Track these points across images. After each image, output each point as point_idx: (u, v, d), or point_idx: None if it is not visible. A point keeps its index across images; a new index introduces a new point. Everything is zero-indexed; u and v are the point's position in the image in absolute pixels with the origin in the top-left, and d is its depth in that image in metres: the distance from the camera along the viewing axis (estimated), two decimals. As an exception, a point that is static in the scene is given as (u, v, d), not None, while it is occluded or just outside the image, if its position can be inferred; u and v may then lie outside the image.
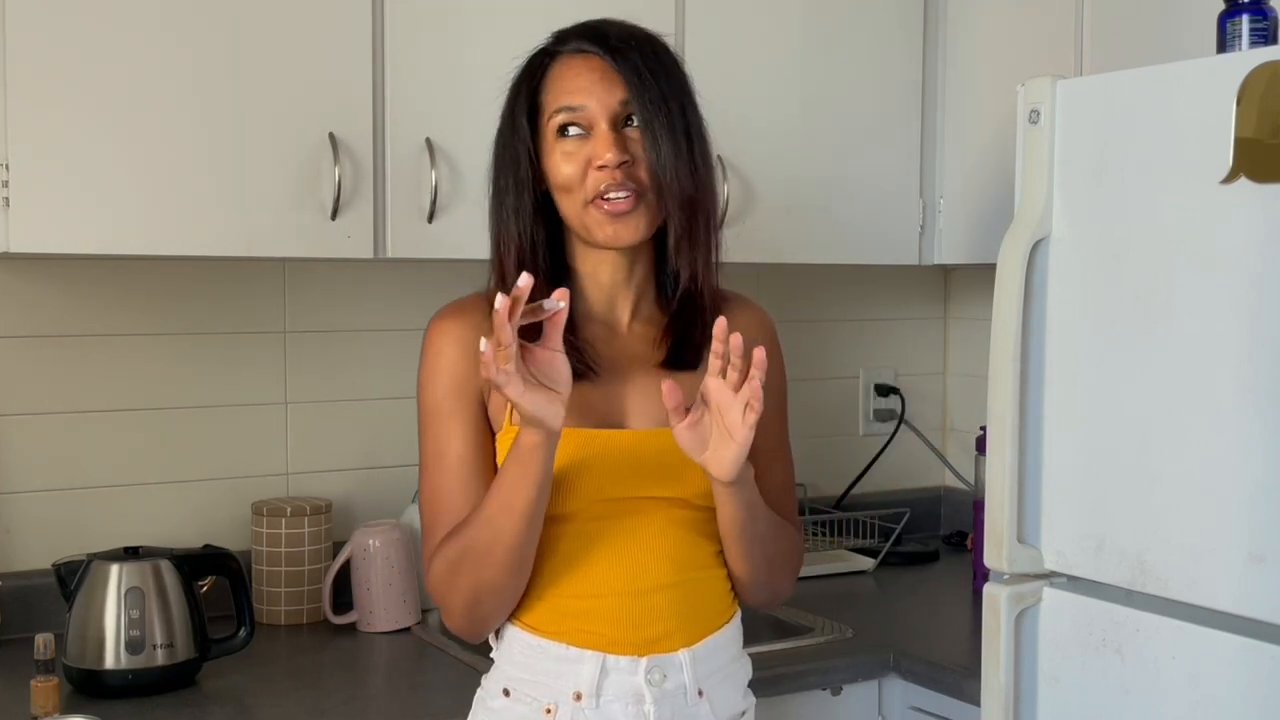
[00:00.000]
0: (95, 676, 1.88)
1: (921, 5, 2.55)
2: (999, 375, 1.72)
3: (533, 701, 1.49)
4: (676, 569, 1.51)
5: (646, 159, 1.47)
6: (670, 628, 1.50)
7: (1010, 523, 1.72)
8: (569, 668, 1.48)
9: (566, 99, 1.48)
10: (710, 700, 1.52)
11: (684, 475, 1.49)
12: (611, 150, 1.46)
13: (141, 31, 1.89)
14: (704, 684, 1.51)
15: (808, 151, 2.45)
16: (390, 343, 2.44)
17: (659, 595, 1.49)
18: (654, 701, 1.48)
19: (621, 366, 1.53)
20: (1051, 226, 1.72)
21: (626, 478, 1.49)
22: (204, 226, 1.95)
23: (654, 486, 1.49)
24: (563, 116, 1.49)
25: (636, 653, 1.48)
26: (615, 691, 1.47)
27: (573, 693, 1.47)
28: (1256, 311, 1.50)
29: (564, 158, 1.49)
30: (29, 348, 2.18)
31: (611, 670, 1.47)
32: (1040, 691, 1.74)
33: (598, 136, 1.47)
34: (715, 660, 1.53)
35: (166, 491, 2.29)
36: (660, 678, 1.48)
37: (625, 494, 1.49)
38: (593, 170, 1.47)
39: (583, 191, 1.48)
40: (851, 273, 2.83)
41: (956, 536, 2.90)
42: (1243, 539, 1.51)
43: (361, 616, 2.24)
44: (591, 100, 1.48)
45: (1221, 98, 1.51)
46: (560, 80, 1.50)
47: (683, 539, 1.52)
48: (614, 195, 1.47)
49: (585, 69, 1.49)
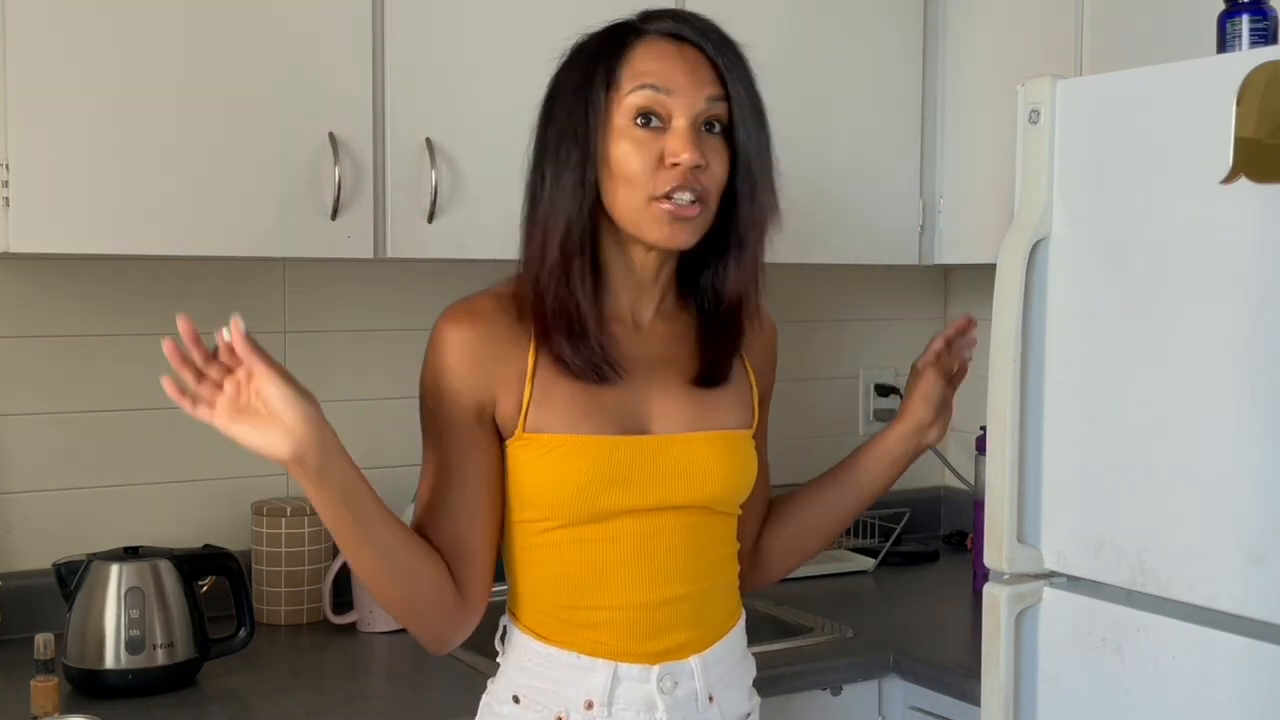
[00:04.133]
0: (95, 676, 1.88)
1: (921, 5, 2.55)
2: (999, 375, 1.72)
3: (543, 709, 1.46)
4: (690, 580, 1.48)
5: (721, 168, 1.42)
6: (683, 638, 1.48)
7: (1010, 523, 1.72)
8: (580, 676, 1.45)
9: (657, 82, 1.38)
10: (720, 704, 1.50)
11: (705, 481, 1.47)
12: (690, 150, 1.37)
13: (141, 32, 1.89)
14: (714, 689, 1.50)
15: (808, 151, 2.44)
16: (390, 343, 2.43)
17: (672, 607, 1.47)
18: (666, 709, 1.45)
19: (644, 368, 1.48)
20: (1051, 226, 1.72)
21: (649, 485, 1.45)
22: (204, 226, 1.95)
23: (675, 493, 1.46)
24: (643, 97, 1.38)
25: (648, 661, 1.46)
26: (627, 700, 1.45)
27: (584, 701, 1.44)
28: (1256, 311, 1.50)
29: (635, 146, 1.39)
30: (29, 348, 2.18)
31: (624, 679, 1.45)
32: (1040, 691, 1.73)
33: (676, 133, 1.38)
34: (724, 664, 1.52)
35: (166, 491, 2.29)
36: (672, 685, 1.46)
37: (646, 503, 1.45)
38: (665, 167, 1.38)
39: (648, 187, 1.39)
40: (851, 273, 2.83)
41: (956, 536, 2.90)
42: (1243, 539, 1.51)
43: (361, 616, 2.24)
44: (678, 89, 1.38)
45: (1221, 98, 1.51)
46: (646, 60, 1.40)
47: (696, 547, 1.49)
48: (681, 198, 1.38)
49: (678, 56, 1.40)
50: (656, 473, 1.45)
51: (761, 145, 1.44)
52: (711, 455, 1.48)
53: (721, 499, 1.50)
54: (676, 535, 1.47)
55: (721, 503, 1.50)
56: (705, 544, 1.50)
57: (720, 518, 1.52)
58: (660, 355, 1.50)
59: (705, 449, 1.48)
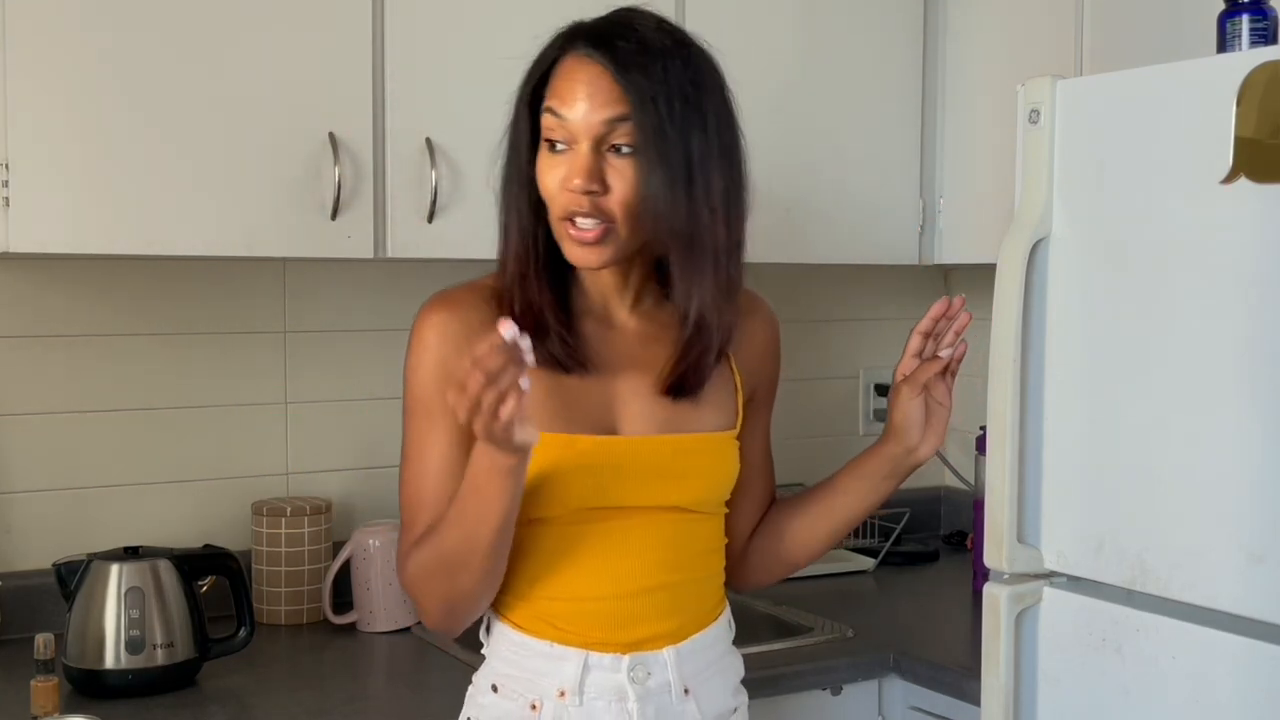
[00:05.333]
0: (95, 676, 1.88)
1: (921, 5, 2.55)
2: (999, 375, 1.72)
3: (519, 698, 1.48)
4: (664, 572, 1.48)
5: (624, 191, 1.38)
6: (657, 629, 1.48)
7: (1010, 523, 1.72)
8: (554, 665, 1.46)
9: (557, 106, 1.39)
10: (697, 698, 1.50)
11: (679, 485, 1.47)
12: (581, 176, 1.37)
13: (141, 31, 1.89)
14: (690, 682, 1.49)
15: (808, 151, 2.45)
16: (390, 343, 2.43)
17: (645, 598, 1.47)
18: (638, 699, 1.46)
19: (615, 367, 1.48)
20: (1051, 226, 1.72)
21: (614, 484, 1.45)
22: (204, 226, 1.95)
23: (648, 496, 1.46)
24: (547, 121, 1.40)
25: (620, 651, 1.46)
26: (598, 689, 1.46)
27: (557, 690, 1.46)
28: (1256, 311, 1.50)
29: (546, 168, 1.41)
30: (29, 348, 2.18)
31: (594, 668, 1.46)
32: (1040, 691, 1.73)
33: (575, 156, 1.38)
34: (702, 658, 1.51)
35: (166, 491, 2.29)
36: (644, 675, 1.46)
37: (613, 501, 1.45)
38: (565, 189, 1.39)
39: (555, 209, 1.41)
40: (851, 273, 2.83)
41: (956, 536, 2.90)
42: (1243, 539, 1.51)
43: (361, 616, 2.24)
44: (578, 115, 1.38)
45: (1221, 98, 1.51)
46: (558, 83, 1.41)
47: (671, 542, 1.49)
48: (582, 223, 1.39)
49: (584, 77, 1.39)
50: (629, 476, 1.45)
51: (672, 158, 1.38)
52: (686, 459, 1.48)
53: (697, 501, 1.49)
54: (652, 531, 1.47)
55: (698, 504, 1.50)
56: (682, 541, 1.50)
57: (700, 516, 1.51)
58: (635, 355, 1.50)
59: (680, 453, 1.48)
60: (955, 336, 1.59)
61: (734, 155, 1.46)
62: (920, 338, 1.59)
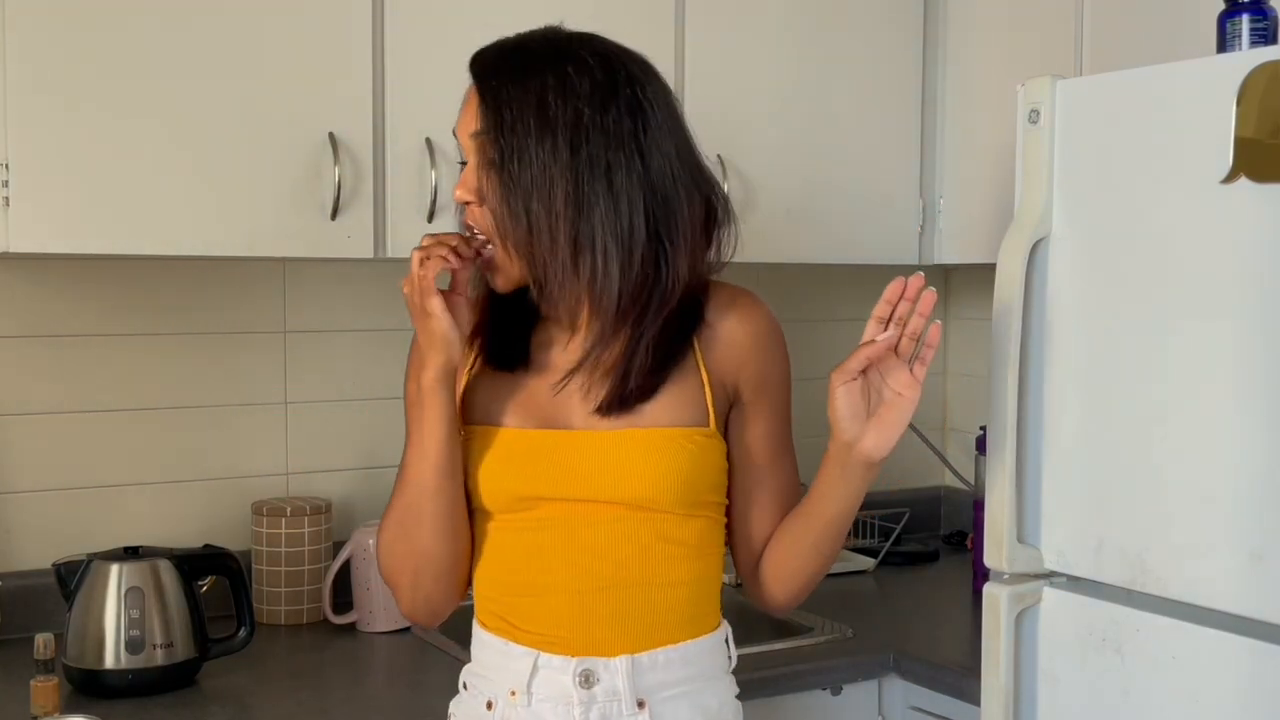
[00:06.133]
0: (95, 676, 1.89)
1: (921, 5, 2.56)
2: (999, 375, 1.72)
3: (478, 695, 1.50)
4: (618, 569, 1.45)
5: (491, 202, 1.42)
6: (611, 632, 1.45)
7: (1010, 523, 1.72)
8: (508, 663, 1.47)
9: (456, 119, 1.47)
10: (655, 716, 1.45)
11: (625, 478, 1.44)
12: (458, 187, 1.46)
13: (141, 32, 1.89)
14: (647, 696, 1.45)
15: (807, 152, 2.45)
16: (390, 343, 2.43)
17: (598, 596, 1.45)
18: (581, 704, 1.43)
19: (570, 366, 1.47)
20: (1051, 226, 1.72)
21: (566, 480, 1.45)
22: (204, 226, 1.95)
23: (594, 489, 1.45)
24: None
25: (570, 653, 1.45)
26: (545, 691, 1.44)
27: (509, 689, 1.46)
28: (1257, 311, 1.50)
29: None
30: (29, 348, 2.18)
31: (543, 668, 1.45)
32: (1040, 691, 1.73)
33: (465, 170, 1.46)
34: (665, 673, 1.46)
35: (166, 491, 2.29)
36: (589, 680, 1.44)
37: (563, 494, 1.45)
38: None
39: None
40: (852, 273, 2.83)
41: (956, 536, 2.90)
42: (1243, 539, 1.51)
43: (361, 616, 2.24)
44: (459, 130, 1.47)
45: (1221, 98, 1.51)
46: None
47: (629, 541, 1.45)
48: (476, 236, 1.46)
49: (470, 95, 1.47)
50: (573, 468, 1.45)
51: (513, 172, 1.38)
52: (633, 452, 1.45)
53: (649, 498, 1.45)
54: (603, 528, 1.45)
55: (652, 501, 1.45)
56: (642, 538, 1.46)
57: (663, 515, 1.46)
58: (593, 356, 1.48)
59: (626, 446, 1.45)
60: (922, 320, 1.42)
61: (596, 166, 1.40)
62: (876, 323, 1.44)
